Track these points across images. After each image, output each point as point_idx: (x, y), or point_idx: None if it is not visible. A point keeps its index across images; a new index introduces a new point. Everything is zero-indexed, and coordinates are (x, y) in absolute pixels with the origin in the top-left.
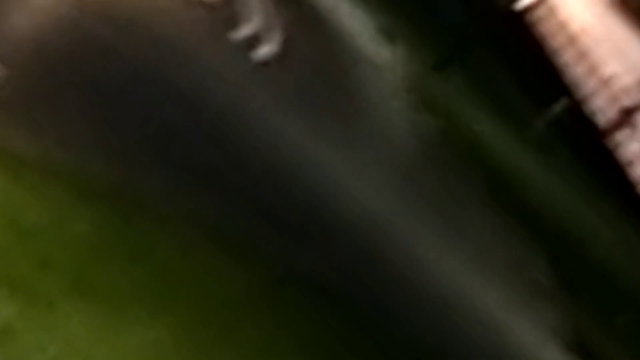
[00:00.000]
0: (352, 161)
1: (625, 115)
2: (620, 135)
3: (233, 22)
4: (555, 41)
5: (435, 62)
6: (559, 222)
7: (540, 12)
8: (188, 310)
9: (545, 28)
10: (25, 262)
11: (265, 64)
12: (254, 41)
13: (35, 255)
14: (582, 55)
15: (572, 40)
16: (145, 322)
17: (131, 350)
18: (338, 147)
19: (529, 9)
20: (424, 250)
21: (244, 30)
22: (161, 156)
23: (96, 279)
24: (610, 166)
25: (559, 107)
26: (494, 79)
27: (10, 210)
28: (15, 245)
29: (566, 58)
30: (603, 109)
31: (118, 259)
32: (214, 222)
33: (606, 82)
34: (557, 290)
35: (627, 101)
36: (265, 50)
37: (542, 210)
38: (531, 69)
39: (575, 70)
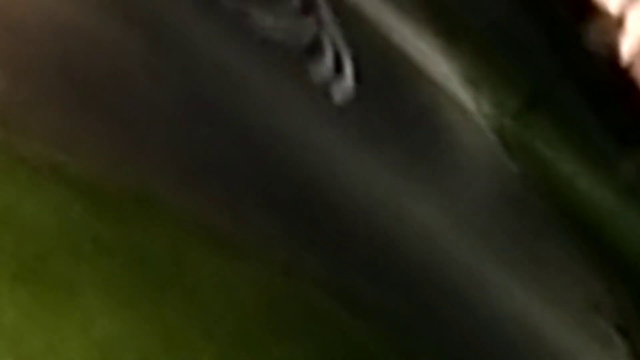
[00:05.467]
0: (433, 201)
1: None
2: None
3: (307, 61)
4: None
5: (520, 105)
6: None
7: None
8: (167, 306)
9: None
10: None
11: (341, 105)
12: (329, 82)
13: None
14: None
15: None
16: (107, 314)
17: (84, 342)
18: (420, 188)
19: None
20: (501, 288)
21: (320, 72)
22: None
23: (48, 267)
24: None
25: None
26: (580, 121)
27: None
28: None
29: None
30: None
31: (83, 250)
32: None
33: None
34: (635, 331)
35: None
36: (341, 91)
37: (624, 252)
38: (620, 111)
39: None
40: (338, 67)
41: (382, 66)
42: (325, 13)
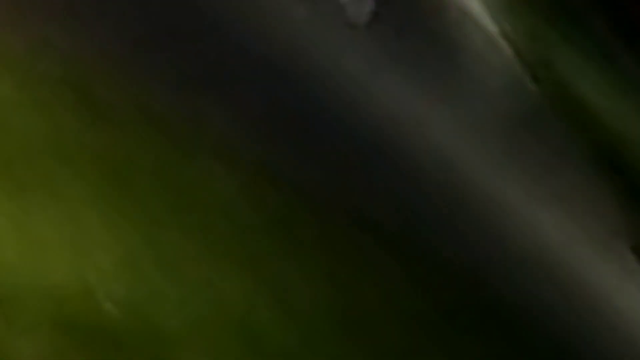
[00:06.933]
0: (452, 119)
1: None
2: None
3: None
4: None
5: (541, 23)
6: None
7: None
8: (161, 223)
9: None
10: None
11: (362, 24)
12: (351, 4)
13: None
14: None
15: None
16: (90, 211)
17: (63, 241)
18: (439, 105)
19: None
20: (515, 206)
21: None
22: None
23: (30, 167)
24: None
25: None
26: (594, 29)
27: None
28: None
29: None
30: None
31: (70, 154)
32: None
33: None
34: None
35: None
36: (363, 13)
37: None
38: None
39: None
40: None
41: None
42: None
